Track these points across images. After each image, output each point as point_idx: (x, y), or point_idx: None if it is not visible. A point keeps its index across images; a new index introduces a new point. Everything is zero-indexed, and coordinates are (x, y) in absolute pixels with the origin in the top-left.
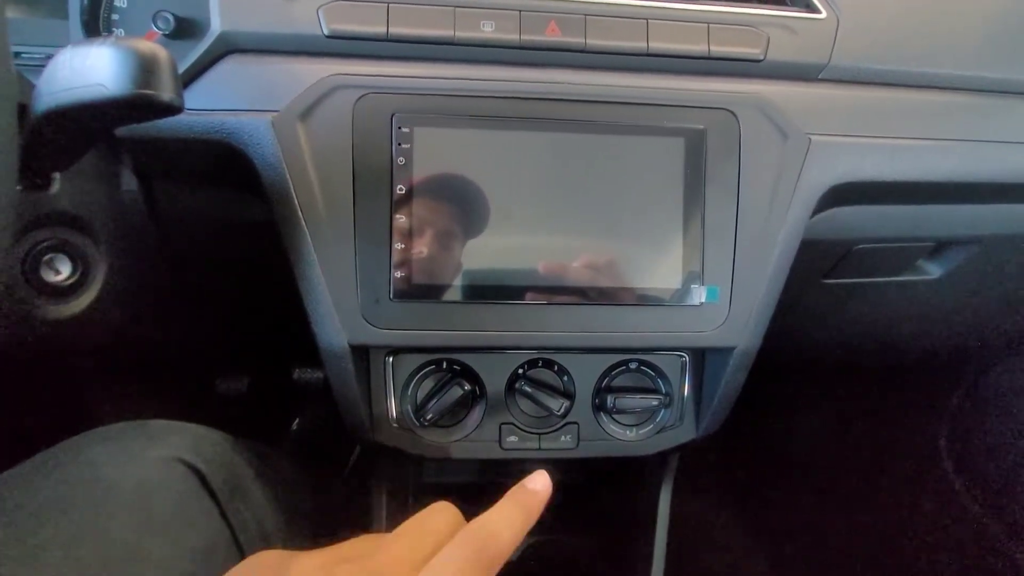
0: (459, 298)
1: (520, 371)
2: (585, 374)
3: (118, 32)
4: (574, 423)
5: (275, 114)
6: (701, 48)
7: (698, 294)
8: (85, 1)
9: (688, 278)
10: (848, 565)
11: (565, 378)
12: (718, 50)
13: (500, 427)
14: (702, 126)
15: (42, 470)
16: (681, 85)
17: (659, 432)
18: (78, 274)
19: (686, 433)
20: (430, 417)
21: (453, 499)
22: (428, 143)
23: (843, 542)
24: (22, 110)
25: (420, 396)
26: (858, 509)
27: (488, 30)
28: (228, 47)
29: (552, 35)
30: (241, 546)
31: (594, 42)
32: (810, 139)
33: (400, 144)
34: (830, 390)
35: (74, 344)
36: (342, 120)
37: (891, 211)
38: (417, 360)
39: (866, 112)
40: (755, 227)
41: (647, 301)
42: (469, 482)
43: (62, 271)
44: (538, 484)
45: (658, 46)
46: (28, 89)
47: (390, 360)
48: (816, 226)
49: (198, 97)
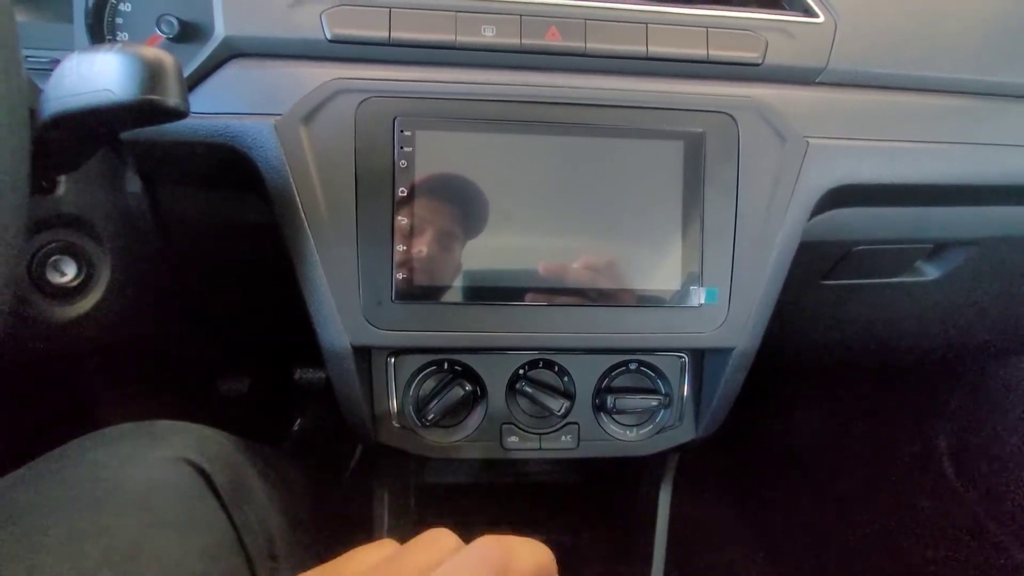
0: (460, 299)
1: (521, 372)
2: (585, 375)
3: (122, 36)
4: (574, 423)
5: (278, 118)
6: (700, 52)
7: (697, 295)
8: (90, 5)
9: (687, 279)
10: (847, 565)
11: (565, 379)
12: (717, 54)
13: (501, 427)
14: (701, 129)
15: (47, 471)
16: (680, 89)
17: (659, 432)
18: (83, 275)
19: (686, 433)
20: (431, 417)
21: (453, 499)
22: (430, 146)
23: (842, 542)
24: (29, 115)
25: (422, 396)
26: (857, 509)
27: (489, 35)
28: (232, 51)
29: (552, 39)
30: (245, 546)
31: (594, 46)
32: (808, 142)
33: (402, 147)
34: (829, 391)
35: (78, 345)
36: (345, 124)
37: (889, 213)
38: (419, 361)
39: (864, 115)
40: (754, 229)
41: (647, 302)
42: (470, 482)
43: (67, 272)
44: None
45: (657, 50)
46: (35, 94)
47: (392, 361)
48: (815, 228)
49: (202, 101)
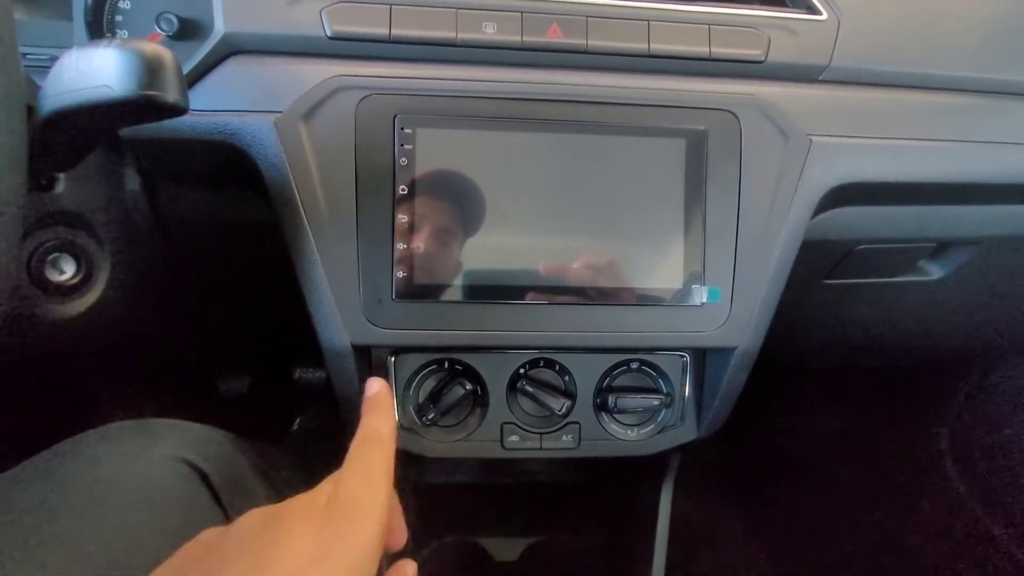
0: (461, 298)
1: (522, 371)
2: (586, 374)
3: (122, 33)
4: (575, 423)
5: (278, 115)
6: (702, 49)
7: (699, 294)
8: (89, 3)
9: (689, 278)
10: (849, 565)
11: (566, 378)
12: (719, 51)
13: (502, 427)
14: (703, 127)
15: (45, 469)
16: (682, 86)
17: (660, 432)
18: (82, 274)
19: (687, 433)
20: (432, 417)
21: (454, 498)
22: (430, 144)
23: (844, 542)
24: (28, 111)
25: (422, 396)
26: (859, 509)
27: (490, 31)
28: (231, 48)
29: (554, 36)
30: None
31: (596, 43)
32: (811, 140)
33: (403, 145)
34: (832, 390)
35: (77, 343)
36: (345, 121)
37: (892, 212)
38: (419, 360)
39: (867, 113)
40: (756, 227)
41: (648, 301)
42: (470, 482)
43: (66, 271)
44: (372, 387)
45: (659, 47)
46: (34, 90)
47: (392, 360)
48: (817, 227)
49: (202, 98)
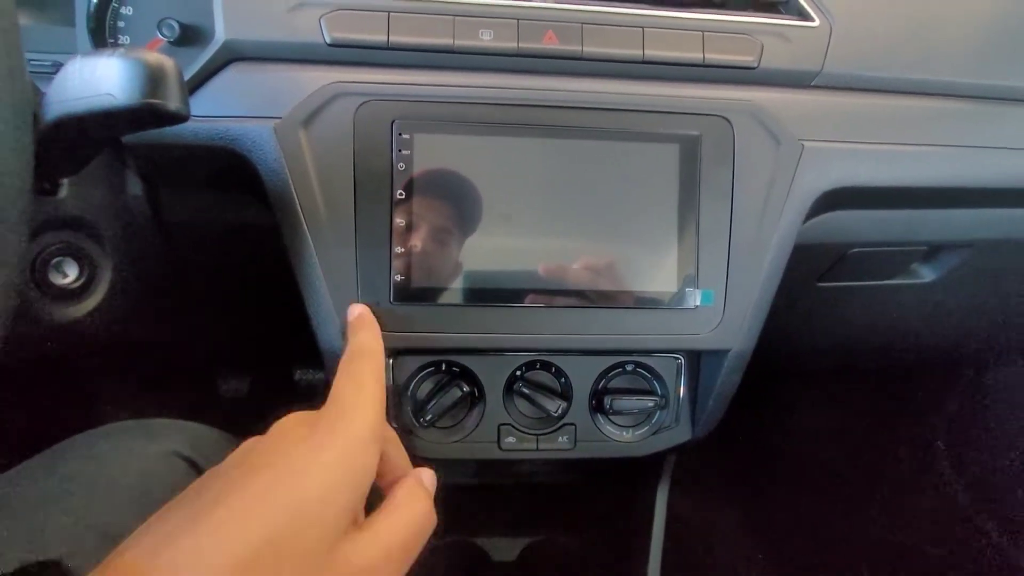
0: (458, 301)
1: (518, 373)
2: (582, 376)
3: (124, 39)
4: (571, 424)
5: (278, 121)
6: (696, 56)
7: (693, 297)
8: (92, 9)
9: (683, 281)
10: (846, 565)
11: (562, 380)
12: (713, 58)
13: (498, 428)
14: (697, 132)
15: (48, 465)
16: (676, 92)
17: (655, 433)
18: (85, 277)
19: (682, 434)
20: (429, 418)
21: (451, 499)
22: (428, 149)
23: (841, 543)
24: (32, 118)
25: (419, 397)
26: (856, 509)
27: (487, 38)
28: (232, 55)
29: (550, 43)
30: None
31: (591, 50)
32: (803, 145)
33: (400, 150)
34: (828, 392)
35: (80, 345)
36: (343, 127)
37: (885, 215)
38: (416, 362)
39: (859, 118)
40: (749, 231)
41: (643, 304)
42: (468, 483)
43: (69, 274)
44: (355, 311)
45: (654, 54)
46: (38, 97)
47: (390, 362)
48: (810, 230)
49: (202, 104)
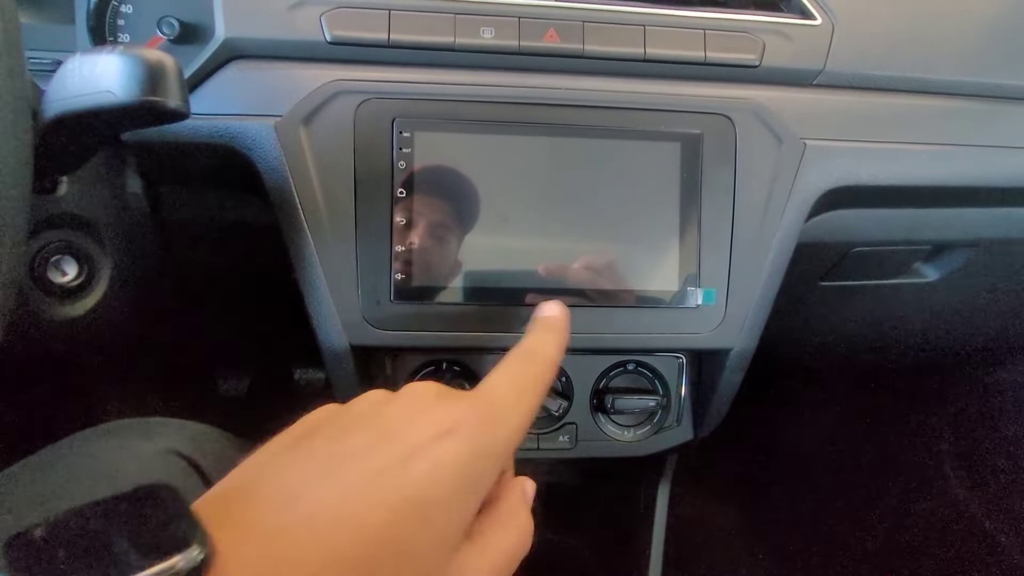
0: (459, 299)
1: None
2: (583, 375)
3: (123, 37)
4: (572, 423)
5: (278, 119)
6: (697, 54)
7: (695, 296)
8: (92, 7)
9: (685, 280)
10: (848, 566)
11: (563, 379)
12: (714, 56)
13: None
14: (698, 131)
15: (47, 464)
16: (678, 90)
17: (656, 433)
18: (84, 275)
19: (683, 434)
20: None
21: None
22: (428, 147)
23: (844, 543)
24: (32, 116)
25: None
26: (859, 511)
27: (488, 36)
28: (232, 53)
29: (551, 41)
30: None
31: (592, 48)
32: (805, 144)
33: (401, 148)
34: (830, 392)
35: (79, 344)
36: (344, 125)
37: (888, 215)
38: (417, 360)
39: (861, 117)
40: (751, 230)
41: (644, 303)
42: None
43: (68, 272)
44: (549, 309)
45: (655, 52)
46: (37, 95)
47: (391, 361)
48: (813, 229)
49: (202, 102)
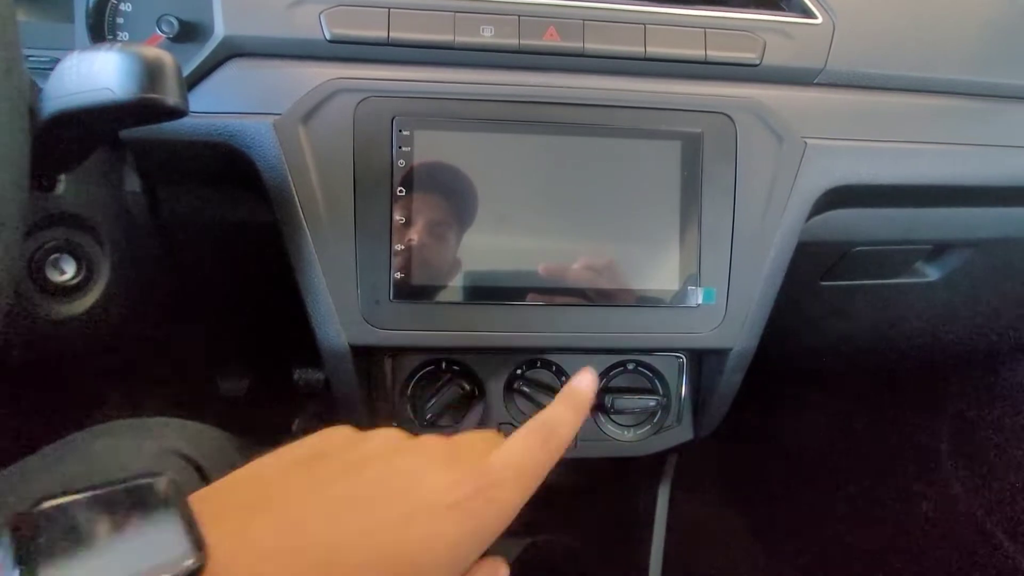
0: (458, 299)
1: (518, 371)
2: None
3: (123, 35)
4: None
5: (277, 117)
6: (698, 53)
7: (695, 296)
8: (91, 5)
9: (685, 280)
10: (849, 566)
11: (563, 379)
12: (715, 55)
13: (498, 427)
14: (699, 130)
15: (45, 464)
16: (678, 89)
17: (657, 432)
18: (83, 274)
19: (683, 434)
20: (429, 417)
21: None
22: (428, 146)
23: (844, 543)
24: (30, 113)
25: (419, 396)
26: (859, 510)
27: (487, 35)
28: (231, 51)
29: (551, 39)
30: None
31: (592, 46)
32: (806, 143)
33: (400, 147)
34: (831, 392)
35: (78, 343)
36: (343, 123)
37: (888, 214)
38: (417, 360)
39: (862, 116)
40: (751, 230)
41: (645, 302)
42: None
43: (67, 271)
44: (584, 383)
45: (656, 51)
46: (35, 93)
47: (390, 360)
48: (813, 228)
49: (201, 100)
